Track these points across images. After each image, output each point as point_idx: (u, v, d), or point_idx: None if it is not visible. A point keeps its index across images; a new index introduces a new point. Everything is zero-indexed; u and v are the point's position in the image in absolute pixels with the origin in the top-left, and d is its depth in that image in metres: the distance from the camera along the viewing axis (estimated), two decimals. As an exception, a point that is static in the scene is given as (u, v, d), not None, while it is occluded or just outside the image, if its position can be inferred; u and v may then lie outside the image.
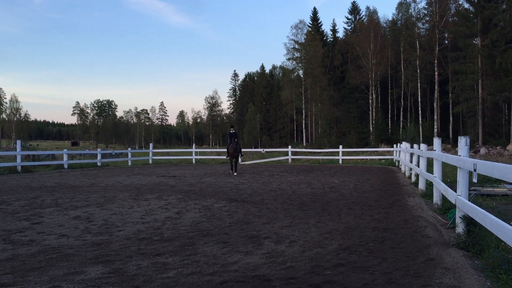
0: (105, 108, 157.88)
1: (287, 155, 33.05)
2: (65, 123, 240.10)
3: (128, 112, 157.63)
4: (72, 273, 5.23)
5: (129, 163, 31.17)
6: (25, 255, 6.03)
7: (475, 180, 5.59)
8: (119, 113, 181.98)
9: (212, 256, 6.01)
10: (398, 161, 25.25)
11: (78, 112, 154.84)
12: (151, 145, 35.87)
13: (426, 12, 64.92)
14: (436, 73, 61.17)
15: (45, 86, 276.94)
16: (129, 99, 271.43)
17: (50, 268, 5.42)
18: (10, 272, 5.27)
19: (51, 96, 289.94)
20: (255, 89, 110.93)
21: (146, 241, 6.89)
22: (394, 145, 30.28)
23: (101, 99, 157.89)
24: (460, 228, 6.64)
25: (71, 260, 5.81)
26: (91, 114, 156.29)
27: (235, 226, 8.09)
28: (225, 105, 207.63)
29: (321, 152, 36.03)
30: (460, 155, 6.73)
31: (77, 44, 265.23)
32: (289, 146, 35.10)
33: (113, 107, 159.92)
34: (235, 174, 20.48)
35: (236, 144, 20.73)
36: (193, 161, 32.98)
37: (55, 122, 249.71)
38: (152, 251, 6.28)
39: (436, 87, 61.50)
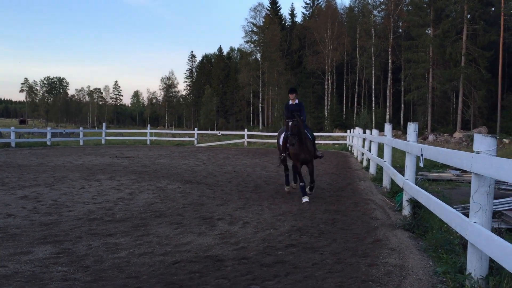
0: (55, 85, 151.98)
1: (243, 138, 33.09)
2: (13, 100, 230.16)
3: (80, 90, 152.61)
4: (18, 253, 5.08)
5: (81, 143, 30.31)
6: (-32, 235, 5.80)
7: (421, 164, 5.82)
8: (71, 91, 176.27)
9: (165, 236, 5.99)
10: (351, 146, 25.84)
11: (27, 89, 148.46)
12: (104, 125, 34.96)
13: (382, 0, 66.14)
14: (389, 61, 62.70)
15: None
16: (81, 77, 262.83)
17: (-5, 249, 5.24)
18: (-48, 252, 5.06)
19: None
20: (212, 71, 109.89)
21: (97, 222, 6.78)
22: (348, 131, 30.93)
23: (51, 76, 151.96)
24: (406, 210, 6.91)
25: (18, 240, 5.65)
26: (41, 92, 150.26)
27: (189, 207, 8.08)
28: (182, 86, 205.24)
29: (276, 135, 36.23)
30: (408, 141, 6.97)
31: (25, 17, 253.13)
32: (245, 129, 35.13)
33: (64, 85, 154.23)
34: (305, 200, 8.60)
35: (299, 130, 8.68)
36: (148, 142, 32.47)
37: (2, 99, 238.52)
38: (103, 231, 6.19)
39: (389, 74, 63.13)
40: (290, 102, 9.26)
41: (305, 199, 8.59)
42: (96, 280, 4.32)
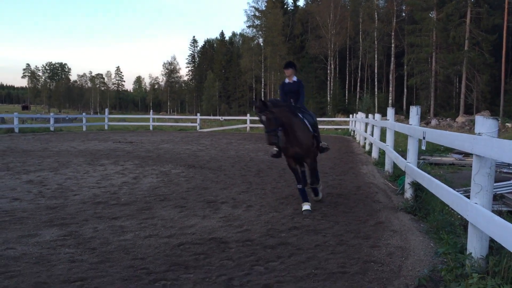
0: (57, 71, 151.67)
1: (246, 123, 33.12)
2: (15, 86, 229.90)
3: (82, 76, 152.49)
4: (26, 236, 5.17)
5: (84, 129, 30.40)
6: (-25, 219, 5.89)
7: (424, 147, 5.86)
8: (73, 77, 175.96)
9: (170, 219, 6.07)
10: (354, 131, 25.85)
11: (29, 74, 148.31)
12: (106, 110, 35.07)
13: (385, -17, 65.51)
14: (392, 45, 62.29)
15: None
16: (83, 63, 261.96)
17: (3, 231, 5.33)
18: (-39, 235, 5.15)
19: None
20: (215, 56, 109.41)
21: (102, 205, 6.86)
22: (350, 115, 30.92)
23: (53, 62, 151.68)
24: (408, 193, 6.97)
25: (25, 223, 5.73)
26: (43, 77, 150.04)
27: (192, 191, 8.16)
28: (184, 72, 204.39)
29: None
30: (411, 124, 7.00)
31: (26, 1, 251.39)
32: (248, 115, 35.14)
33: (66, 70, 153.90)
34: (305, 208, 6.59)
35: (300, 115, 6.93)
36: (151, 128, 32.53)
37: (4, 85, 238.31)
38: (108, 214, 6.28)
39: (392, 59, 62.76)
40: (287, 80, 7.38)
41: (305, 207, 6.55)
42: (103, 261, 4.40)
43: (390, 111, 10.08)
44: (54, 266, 4.24)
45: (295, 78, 7.38)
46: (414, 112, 6.96)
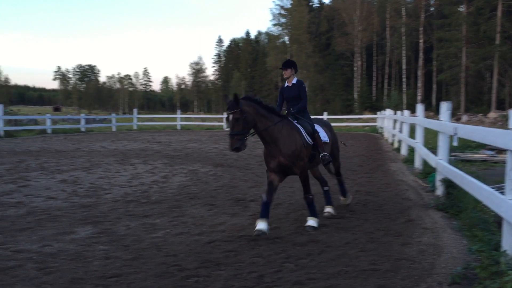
0: (87, 73, 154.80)
1: (272, 121, 33.08)
2: (46, 88, 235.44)
3: (111, 77, 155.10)
4: (62, 233, 5.33)
5: (114, 129, 30.96)
6: (13, 216, 6.11)
7: (455, 143, 5.77)
8: (102, 78, 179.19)
9: (200, 217, 6.15)
10: (382, 128, 25.55)
11: (60, 77, 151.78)
12: (135, 111, 35.59)
13: (413, -22, 64.39)
14: (421, 40, 61.19)
15: (24, 49, 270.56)
16: (111, 64, 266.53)
17: (40, 229, 5.51)
18: (0, 232, 5.35)
19: (31, 60, 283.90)
20: (240, 56, 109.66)
21: (133, 204, 7.00)
22: (378, 112, 30.55)
23: (83, 64, 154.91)
24: (439, 190, 6.87)
25: (60, 221, 5.90)
26: (73, 79, 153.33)
27: (221, 189, 8.23)
28: (210, 71, 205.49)
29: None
30: (441, 120, 6.89)
31: (57, 7, 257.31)
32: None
33: (96, 72, 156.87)
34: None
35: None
36: (178, 127, 32.86)
37: (36, 87, 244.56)
38: (140, 213, 6.40)
39: (420, 54, 61.63)
40: (286, 84, 6.43)
41: (259, 225, 5.31)
42: (136, 258, 4.50)
43: (420, 107, 9.94)
44: (89, 262, 4.36)
45: (294, 80, 6.33)
46: (445, 108, 6.85)
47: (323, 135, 6.15)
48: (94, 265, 4.28)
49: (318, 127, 6.18)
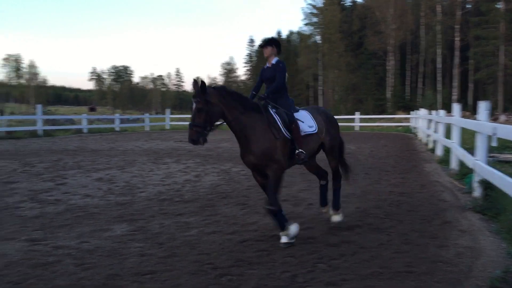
0: (121, 73, 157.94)
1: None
2: (82, 89, 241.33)
3: (144, 78, 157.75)
4: (98, 230, 5.46)
5: (147, 129, 31.49)
6: (52, 213, 6.29)
7: (495, 143, 5.61)
8: (135, 79, 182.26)
9: (232, 216, 6.19)
10: (415, 128, 25.07)
11: (95, 77, 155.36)
12: (167, 110, 36.11)
13: (448, -25, 62.93)
14: (457, 38, 59.71)
15: (61, 51, 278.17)
16: (145, 65, 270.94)
17: (77, 226, 5.66)
18: (40, 228, 5.53)
19: (67, 61, 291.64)
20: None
21: (167, 202, 7.10)
22: (412, 112, 29.99)
23: (117, 65, 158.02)
24: (477, 192, 6.70)
25: (97, 218, 6.04)
26: (108, 80, 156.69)
27: (253, 189, 8.24)
28: (241, 71, 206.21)
29: (337, 119, 35.73)
30: (479, 120, 6.71)
31: (91, 11, 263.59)
32: (305, 112, 34.94)
33: (129, 72, 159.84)
34: (283, 241, 4.87)
35: (271, 111, 5.24)
36: (210, 127, 33.10)
37: (72, 88, 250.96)
38: (173, 211, 6.49)
39: (456, 53, 60.15)
40: (267, 65, 5.84)
41: (283, 239, 4.86)
42: (170, 256, 4.57)
43: (456, 107, 9.71)
44: (125, 259, 4.45)
45: (274, 61, 5.68)
46: (483, 107, 6.67)
47: (307, 126, 5.28)
48: (130, 262, 4.37)
49: (303, 116, 5.37)
